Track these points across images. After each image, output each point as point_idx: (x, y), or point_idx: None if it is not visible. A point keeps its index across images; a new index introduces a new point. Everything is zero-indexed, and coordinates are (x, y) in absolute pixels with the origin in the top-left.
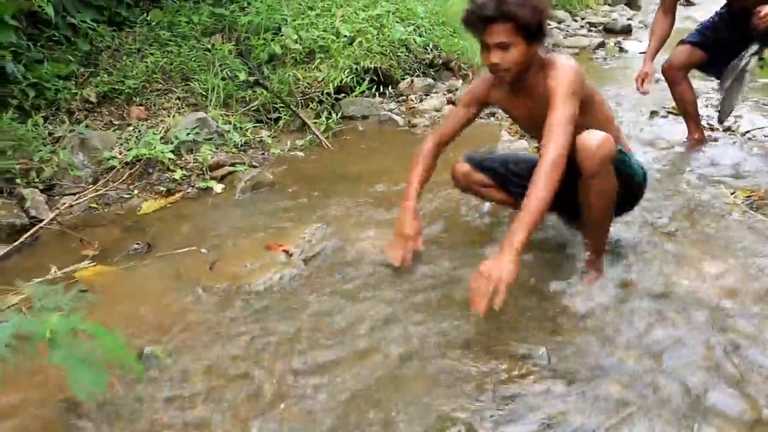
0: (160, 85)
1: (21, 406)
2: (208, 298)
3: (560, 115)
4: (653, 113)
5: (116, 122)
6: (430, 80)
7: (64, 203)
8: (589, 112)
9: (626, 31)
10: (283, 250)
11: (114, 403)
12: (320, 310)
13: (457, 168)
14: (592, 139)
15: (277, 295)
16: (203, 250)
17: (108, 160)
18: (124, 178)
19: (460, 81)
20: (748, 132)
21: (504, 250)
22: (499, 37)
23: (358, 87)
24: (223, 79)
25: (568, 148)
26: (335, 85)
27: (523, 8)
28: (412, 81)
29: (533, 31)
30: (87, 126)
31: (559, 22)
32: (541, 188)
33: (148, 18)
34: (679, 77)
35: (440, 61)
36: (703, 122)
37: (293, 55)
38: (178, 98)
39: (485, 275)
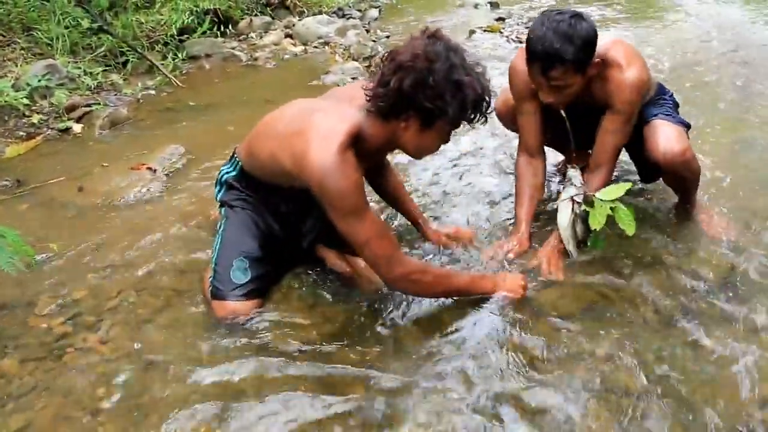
0: (2, 37)
1: None
2: (86, 211)
3: None
4: (471, 32)
5: None
6: (268, 18)
7: None
8: None
9: None
10: (147, 168)
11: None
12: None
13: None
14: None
15: (147, 202)
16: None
17: None
18: None
19: (297, 18)
20: None
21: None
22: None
23: (200, 27)
24: (66, 27)
25: None
26: (177, 27)
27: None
28: (251, 20)
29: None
30: None
31: None
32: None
33: None
34: None
35: (276, 0)
36: None
37: (133, 0)
38: (23, 48)
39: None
